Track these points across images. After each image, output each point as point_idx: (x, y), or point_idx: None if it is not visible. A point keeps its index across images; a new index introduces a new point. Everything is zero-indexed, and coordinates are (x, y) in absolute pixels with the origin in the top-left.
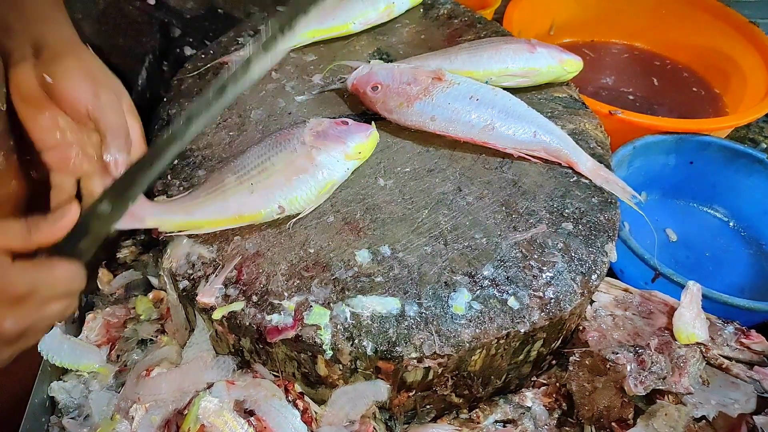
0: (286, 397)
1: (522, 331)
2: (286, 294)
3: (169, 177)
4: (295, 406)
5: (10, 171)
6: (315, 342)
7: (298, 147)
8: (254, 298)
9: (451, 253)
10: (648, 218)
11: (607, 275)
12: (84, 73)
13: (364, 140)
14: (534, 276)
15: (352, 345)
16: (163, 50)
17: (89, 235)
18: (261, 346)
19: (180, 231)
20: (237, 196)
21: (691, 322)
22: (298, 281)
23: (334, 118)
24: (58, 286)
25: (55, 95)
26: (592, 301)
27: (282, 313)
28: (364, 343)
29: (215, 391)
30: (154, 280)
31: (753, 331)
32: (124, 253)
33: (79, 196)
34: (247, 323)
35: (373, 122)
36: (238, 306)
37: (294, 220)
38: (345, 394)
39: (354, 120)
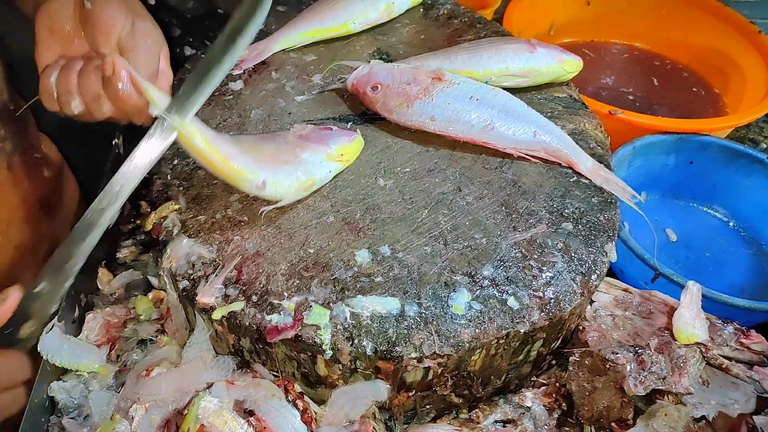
0: (286, 397)
1: (522, 331)
2: (286, 294)
3: (168, 177)
4: (295, 406)
5: (19, 174)
6: (315, 342)
7: (283, 145)
8: (254, 298)
9: (450, 253)
10: (648, 218)
11: (607, 275)
12: (125, 6)
13: (347, 143)
14: (534, 276)
15: (351, 345)
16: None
17: (31, 320)
18: (261, 346)
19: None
20: (232, 146)
21: (691, 322)
22: (297, 281)
23: (328, 119)
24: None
25: (91, 20)
26: (592, 301)
27: (282, 313)
28: (364, 343)
29: (215, 391)
30: (154, 280)
31: (753, 331)
32: (124, 253)
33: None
34: (247, 323)
35: (357, 129)
36: (237, 306)
37: (268, 207)
38: (345, 394)
39: (354, 119)
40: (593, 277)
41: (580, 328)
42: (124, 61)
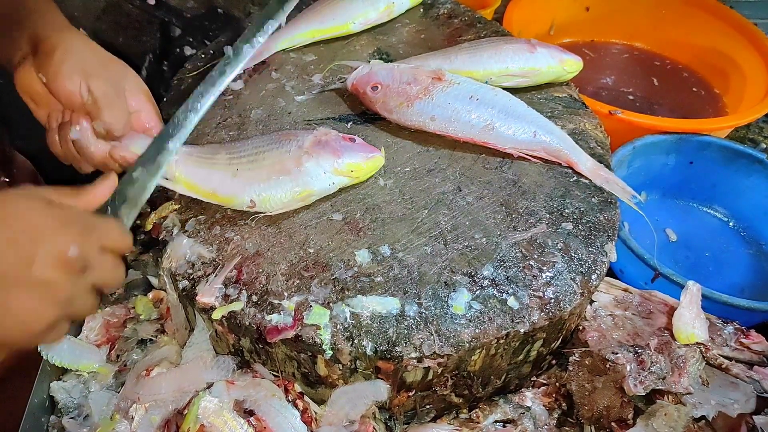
0: (286, 397)
1: (522, 331)
2: (286, 294)
3: None
4: (295, 406)
5: None
6: (315, 342)
7: (293, 149)
8: (254, 298)
9: (450, 253)
10: (648, 218)
11: (606, 275)
12: (73, 69)
13: (361, 160)
14: (534, 276)
15: (351, 345)
16: (163, 50)
17: (128, 202)
18: (261, 346)
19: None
20: (221, 174)
21: (691, 322)
22: (298, 281)
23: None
24: (108, 238)
25: (52, 93)
26: (591, 301)
27: (282, 313)
28: (364, 343)
29: (215, 391)
30: (154, 280)
31: (753, 331)
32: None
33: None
34: (247, 323)
35: (383, 149)
36: (237, 306)
37: (258, 216)
38: (345, 394)
39: (354, 119)
40: (593, 277)
41: (580, 328)
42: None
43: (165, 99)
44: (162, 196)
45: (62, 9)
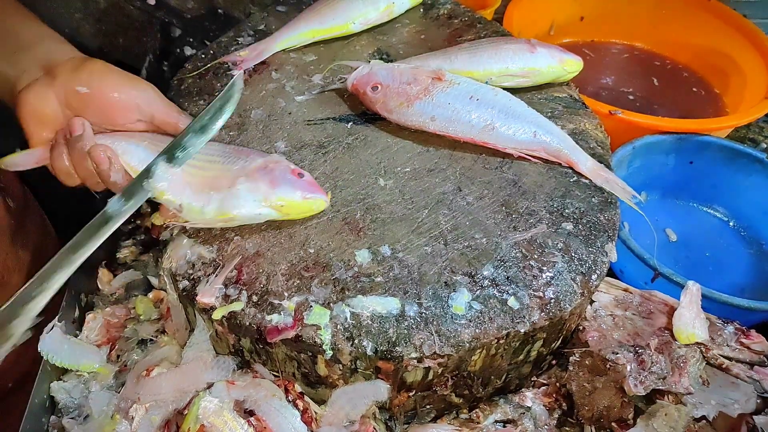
0: (286, 397)
1: (522, 331)
2: (286, 294)
3: None
4: (295, 406)
5: None
6: (315, 342)
7: (235, 168)
8: (254, 298)
9: (451, 253)
10: (648, 218)
11: (607, 275)
12: (117, 73)
13: (296, 198)
14: (534, 276)
15: (352, 345)
16: (163, 50)
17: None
18: (261, 346)
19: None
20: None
21: (691, 322)
22: (298, 281)
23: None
24: None
25: (93, 102)
26: (592, 301)
27: (282, 313)
28: (364, 343)
29: (215, 391)
30: (154, 280)
31: (753, 331)
32: (124, 253)
33: None
34: (247, 323)
35: (329, 193)
36: (238, 306)
37: (178, 224)
38: (345, 394)
39: (354, 119)
40: (593, 277)
41: (581, 328)
42: (112, 152)
43: None
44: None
45: (63, 10)
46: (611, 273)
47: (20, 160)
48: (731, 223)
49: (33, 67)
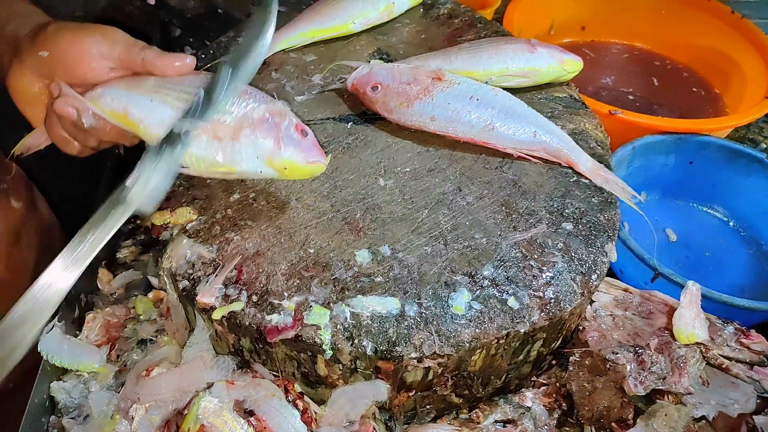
0: (286, 397)
1: (522, 331)
2: (286, 294)
3: None
4: (295, 406)
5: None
6: (315, 342)
7: (238, 113)
8: (254, 298)
9: (451, 253)
10: (648, 218)
11: (607, 275)
12: (71, 28)
13: (300, 162)
14: (534, 276)
15: (352, 345)
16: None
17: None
18: (261, 346)
19: None
20: (141, 96)
21: (691, 322)
22: (298, 281)
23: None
24: None
25: (57, 63)
26: (592, 301)
27: (282, 313)
28: (364, 343)
29: (215, 391)
30: (154, 280)
31: (753, 331)
32: (124, 253)
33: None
34: (247, 323)
35: (329, 155)
36: (237, 306)
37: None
38: (345, 394)
39: (354, 119)
40: (593, 277)
41: (580, 328)
42: (77, 98)
43: None
44: (177, 200)
45: (63, 9)
46: (611, 273)
47: (30, 143)
48: (731, 223)
49: (6, 50)
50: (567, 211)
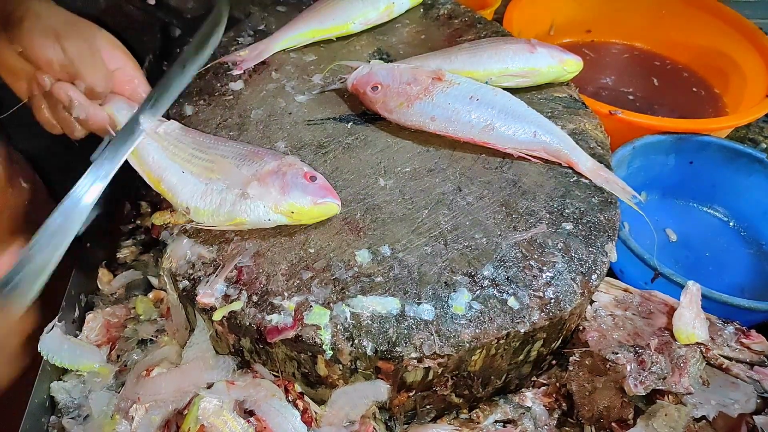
0: (286, 397)
1: (522, 331)
2: (286, 294)
3: None
4: (295, 406)
5: (4, 179)
6: (315, 342)
7: (248, 172)
8: (254, 298)
9: (451, 253)
10: (648, 218)
11: (607, 275)
12: (44, 32)
13: (307, 204)
14: (534, 276)
15: (352, 345)
16: (164, 50)
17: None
18: (261, 346)
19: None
20: (175, 165)
21: (691, 322)
22: (298, 281)
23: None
24: None
25: (30, 62)
26: (592, 301)
27: (282, 313)
28: (364, 343)
29: (215, 391)
30: (154, 280)
31: (753, 331)
32: (124, 253)
33: None
34: (247, 323)
35: (337, 199)
36: (237, 306)
37: (192, 223)
38: (345, 394)
39: (354, 119)
40: (593, 277)
41: (581, 328)
42: (73, 90)
43: None
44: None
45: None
46: (611, 273)
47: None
48: (731, 223)
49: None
50: (567, 211)
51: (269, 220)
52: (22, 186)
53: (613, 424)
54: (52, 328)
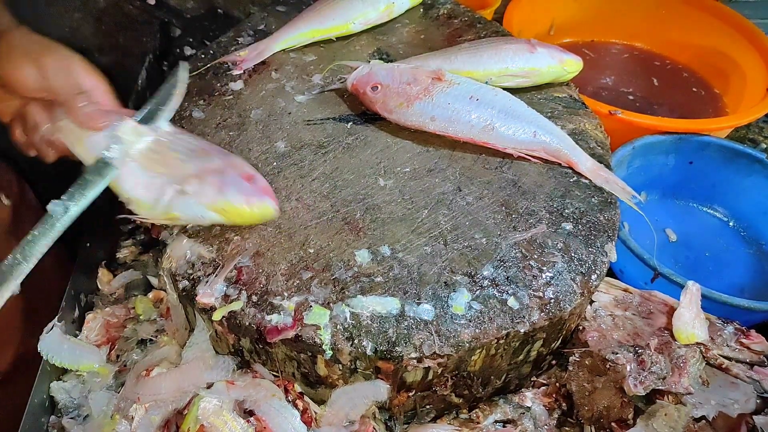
0: (286, 397)
1: (522, 331)
2: (286, 294)
3: None
4: (295, 406)
5: None
6: (315, 342)
7: (191, 168)
8: (254, 298)
9: (450, 253)
10: (648, 218)
11: (606, 275)
12: (20, 57)
13: (240, 203)
14: (534, 276)
15: (351, 345)
16: (163, 50)
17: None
18: (261, 346)
19: None
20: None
21: (691, 322)
22: (297, 281)
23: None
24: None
25: (6, 88)
26: (591, 301)
27: (282, 313)
28: (364, 343)
29: (215, 391)
30: (154, 280)
31: (753, 331)
32: (124, 253)
33: None
34: (247, 323)
35: (277, 205)
36: (237, 306)
37: (131, 216)
38: (345, 394)
39: (354, 119)
40: (593, 277)
41: (580, 328)
42: (41, 113)
43: None
44: None
45: (63, 9)
46: (611, 273)
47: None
48: (731, 223)
49: None
50: (567, 211)
51: (203, 217)
52: (4, 201)
53: (612, 424)
54: (52, 328)
